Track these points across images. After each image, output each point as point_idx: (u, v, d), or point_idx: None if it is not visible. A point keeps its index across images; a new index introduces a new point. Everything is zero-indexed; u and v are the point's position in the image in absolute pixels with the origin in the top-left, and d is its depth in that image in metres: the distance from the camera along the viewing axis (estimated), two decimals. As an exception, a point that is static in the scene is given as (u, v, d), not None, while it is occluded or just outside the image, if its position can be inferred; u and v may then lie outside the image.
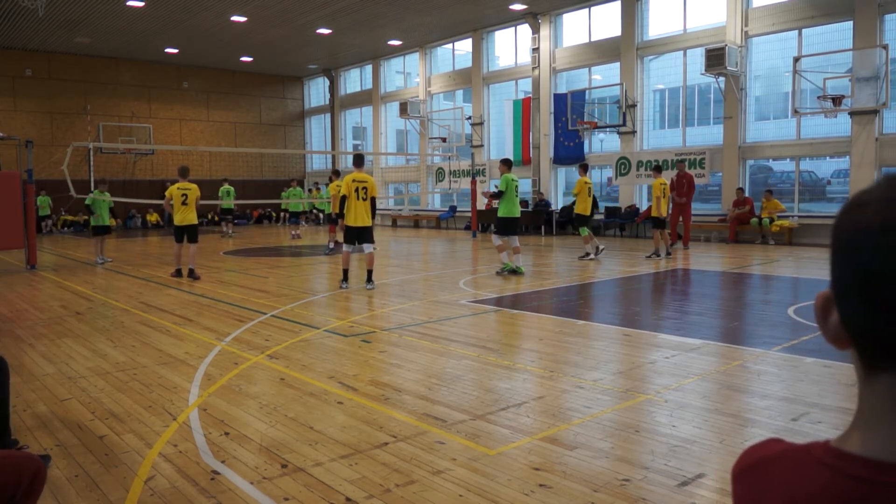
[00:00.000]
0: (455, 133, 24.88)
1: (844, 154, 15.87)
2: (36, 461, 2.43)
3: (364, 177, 10.01)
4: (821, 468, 0.67)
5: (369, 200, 9.92)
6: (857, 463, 0.65)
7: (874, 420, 0.67)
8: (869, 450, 0.66)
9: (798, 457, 0.71)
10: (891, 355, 0.65)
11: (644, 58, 19.52)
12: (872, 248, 0.64)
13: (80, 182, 19.86)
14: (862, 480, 0.64)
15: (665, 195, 13.83)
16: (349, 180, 9.87)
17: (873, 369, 0.67)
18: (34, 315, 8.35)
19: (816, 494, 0.66)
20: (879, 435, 0.66)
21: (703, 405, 4.47)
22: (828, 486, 0.66)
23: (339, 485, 3.33)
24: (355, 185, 9.85)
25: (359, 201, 9.83)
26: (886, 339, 0.65)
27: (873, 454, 0.65)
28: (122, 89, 28.12)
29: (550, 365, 5.60)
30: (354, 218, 9.86)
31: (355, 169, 10.23)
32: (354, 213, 9.85)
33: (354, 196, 9.82)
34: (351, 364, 5.76)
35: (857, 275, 0.66)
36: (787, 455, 0.73)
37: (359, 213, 9.86)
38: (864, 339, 0.67)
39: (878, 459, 0.65)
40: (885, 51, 14.38)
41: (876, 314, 0.64)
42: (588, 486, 3.27)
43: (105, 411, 4.57)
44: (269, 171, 31.39)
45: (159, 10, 20.38)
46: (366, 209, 9.90)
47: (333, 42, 25.20)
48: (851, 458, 0.66)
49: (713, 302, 9.04)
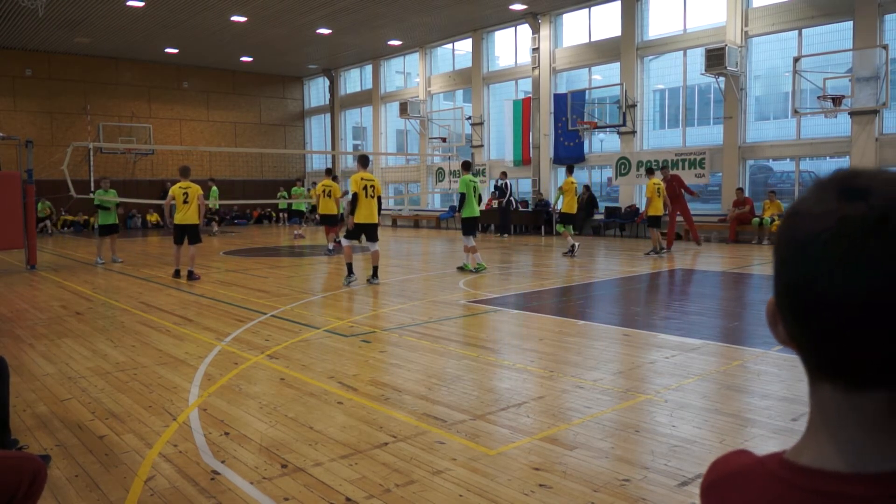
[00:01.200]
0: (455, 133, 24.88)
1: (844, 154, 15.86)
2: (36, 461, 2.43)
3: (371, 176, 10.36)
4: (772, 481, 0.68)
5: (377, 199, 10.26)
6: (802, 474, 0.66)
7: (817, 429, 0.68)
8: (813, 459, 0.67)
9: (754, 470, 0.72)
10: (826, 368, 0.66)
11: (644, 58, 19.51)
12: (797, 261, 0.65)
13: (80, 182, 19.88)
14: (805, 491, 0.65)
15: (660, 194, 14.07)
16: (358, 179, 10.14)
17: (815, 379, 0.68)
18: (34, 315, 8.35)
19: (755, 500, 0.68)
20: (821, 444, 0.67)
21: (703, 405, 4.47)
22: (778, 499, 0.67)
23: (339, 485, 3.33)
24: (364, 182, 10.13)
25: (367, 199, 10.13)
26: (818, 353, 0.66)
27: (816, 464, 0.66)
28: (122, 89, 28.12)
29: (550, 365, 5.60)
30: (363, 215, 10.13)
31: (361, 169, 10.44)
32: (363, 211, 10.12)
33: (363, 194, 10.09)
34: (351, 364, 5.76)
35: (785, 288, 0.66)
36: (744, 470, 0.73)
37: (367, 211, 10.15)
38: (801, 351, 0.68)
39: (819, 469, 0.66)
40: (885, 51, 14.37)
41: (804, 328, 0.65)
42: (588, 486, 3.27)
43: (105, 411, 4.57)
44: (269, 172, 31.38)
45: (159, 10, 20.37)
46: (373, 206, 10.22)
47: (333, 42, 25.20)
48: (797, 468, 0.67)
49: (713, 302, 9.04)
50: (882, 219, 0.61)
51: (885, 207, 0.61)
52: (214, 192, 21.52)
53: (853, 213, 0.62)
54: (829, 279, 0.62)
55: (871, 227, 0.61)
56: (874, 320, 0.60)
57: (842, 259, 0.61)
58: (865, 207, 0.62)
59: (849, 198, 0.63)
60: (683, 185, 15.91)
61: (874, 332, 0.61)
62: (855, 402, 0.65)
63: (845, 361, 0.63)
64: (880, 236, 0.60)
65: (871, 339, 0.61)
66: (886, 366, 0.62)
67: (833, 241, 0.62)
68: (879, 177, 0.64)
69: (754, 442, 3.81)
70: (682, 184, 15.93)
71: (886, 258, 0.60)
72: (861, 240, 0.61)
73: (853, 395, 0.65)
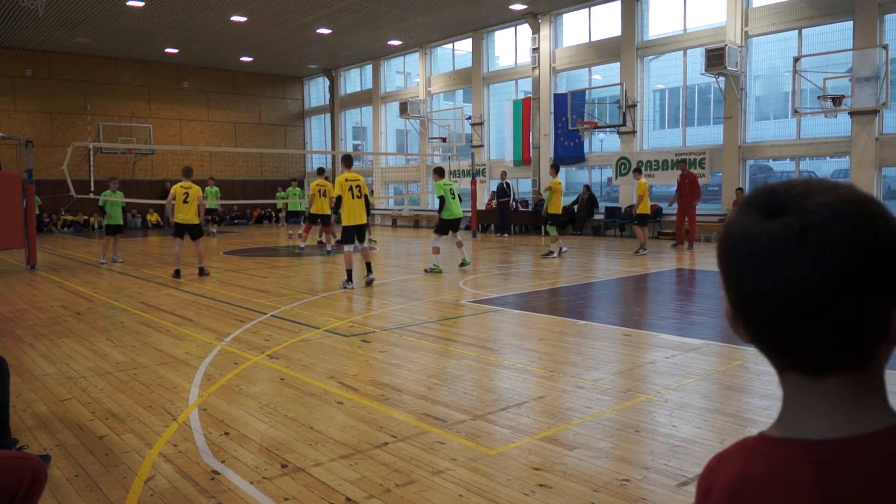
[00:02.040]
0: (455, 133, 24.88)
1: (844, 154, 15.86)
2: (36, 462, 2.43)
3: (356, 176, 10.17)
4: (750, 455, 0.78)
5: (363, 198, 10.06)
6: (777, 444, 0.76)
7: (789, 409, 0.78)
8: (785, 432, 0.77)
9: (734, 451, 0.81)
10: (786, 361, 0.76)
11: (644, 58, 19.51)
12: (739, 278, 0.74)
13: (80, 182, 19.87)
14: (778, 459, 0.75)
15: (647, 194, 14.60)
16: (342, 181, 9.95)
17: (780, 370, 0.78)
18: (34, 315, 8.35)
19: (736, 474, 0.78)
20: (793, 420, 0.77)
21: (703, 405, 4.47)
22: (744, 465, 0.77)
23: (339, 485, 3.33)
24: (349, 184, 9.95)
25: (354, 200, 9.94)
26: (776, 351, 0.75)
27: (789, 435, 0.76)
28: (122, 89, 28.11)
29: (550, 365, 5.60)
30: (351, 217, 9.98)
31: (346, 169, 10.32)
32: (350, 212, 9.96)
33: (349, 195, 9.91)
34: (351, 364, 5.76)
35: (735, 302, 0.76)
36: (726, 453, 0.82)
37: (355, 212, 9.98)
38: (762, 350, 0.77)
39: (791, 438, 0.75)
40: (885, 51, 14.37)
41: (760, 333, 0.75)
42: (588, 486, 3.27)
43: (105, 411, 4.57)
44: (269, 172, 31.38)
45: (159, 10, 20.37)
46: (362, 207, 10.04)
47: (333, 42, 25.19)
48: (772, 441, 0.77)
49: (713, 302, 9.04)
50: (802, 232, 0.69)
51: (802, 221, 0.70)
52: (215, 191, 21.46)
53: (776, 230, 0.71)
54: (769, 292, 0.71)
55: (793, 241, 0.70)
56: (813, 321, 0.70)
57: (775, 273, 0.70)
58: (782, 224, 0.71)
59: (770, 216, 0.72)
60: (695, 185, 16.03)
61: (817, 330, 0.70)
62: (816, 386, 0.75)
63: (799, 354, 0.73)
64: (803, 248, 0.69)
65: (817, 336, 0.71)
66: (834, 355, 0.72)
67: (765, 258, 0.71)
68: (794, 190, 0.73)
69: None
70: (695, 184, 16.08)
71: (812, 266, 0.69)
72: (788, 254, 0.70)
73: (813, 380, 0.75)
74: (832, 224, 0.69)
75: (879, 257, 0.69)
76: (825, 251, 0.69)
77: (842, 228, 0.69)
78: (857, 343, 0.71)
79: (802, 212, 0.70)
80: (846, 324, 0.70)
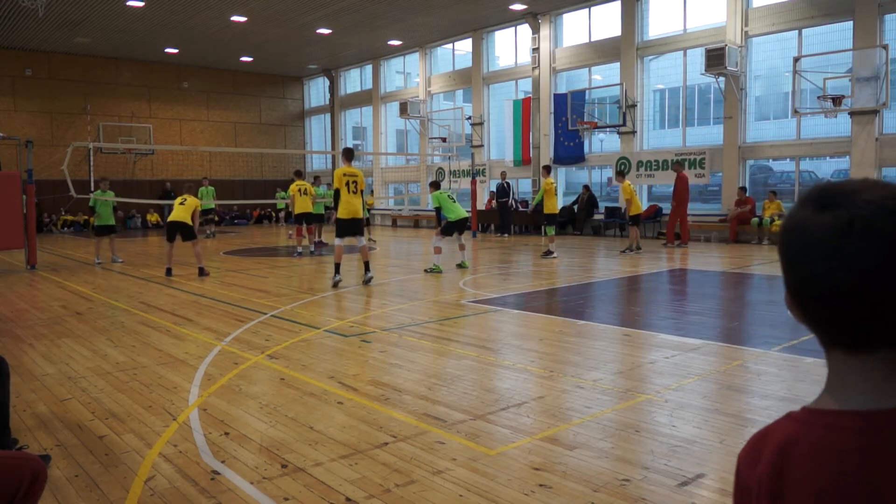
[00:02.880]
0: (455, 133, 24.88)
1: (844, 154, 15.86)
2: (36, 462, 2.43)
3: (354, 171, 10.26)
4: (794, 423, 0.87)
5: (359, 193, 10.16)
6: (819, 414, 0.85)
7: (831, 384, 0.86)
8: (827, 404, 0.85)
9: (780, 422, 0.90)
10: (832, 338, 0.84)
11: (644, 58, 19.51)
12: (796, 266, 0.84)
13: (80, 182, 19.86)
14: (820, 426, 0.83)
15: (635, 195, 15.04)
16: (340, 174, 10.04)
17: (826, 346, 0.86)
18: (34, 315, 8.35)
19: (785, 439, 0.86)
20: (834, 393, 0.85)
21: (703, 405, 4.47)
22: (792, 432, 0.86)
23: (339, 485, 3.33)
24: (346, 178, 10.03)
25: (350, 194, 10.03)
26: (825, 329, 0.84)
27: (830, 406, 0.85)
28: (122, 89, 28.11)
29: (550, 365, 5.60)
30: (345, 210, 10.03)
31: (346, 163, 10.36)
32: (345, 206, 10.02)
33: (345, 189, 9.99)
34: (351, 364, 5.76)
35: (791, 287, 0.86)
36: (772, 425, 0.91)
37: (351, 206, 10.05)
38: (812, 328, 0.86)
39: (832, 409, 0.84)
40: (885, 51, 14.37)
41: (812, 314, 0.84)
42: (588, 486, 3.27)
43: (105, 411, 4.57)
44: (269, 172, 31.39)
45: (159, 10, 20.37)
46: (358, 202, 10.13)
47: (333, 42, 25.19)
48: (816, 412, 0.86)
49: (713, 302, 9.04)
50: (848, 225, 0.78)
51: (849, 215, 0.79)
52: (210, 191, 21.25)
53: (826, 222, 0.80)
54: (818, 278, 0.81)
55: (840, 232, 0.79)
56: (856, 305, 0.79)
57: (823, 261, 0.80)
58: (833, 217, 0.80)
59: (823, 210, 0.81)
60: (685, 187, 16.27)
61: (859, 313, 0.79)
62: (856, 361, 0.83)
63: (844, 333, 0.82)
64: (849, 239, 0.78)
65: (859, 318, 0.79)
66: (875, 333, 0.80)
67: (815, 247, 0.81)
68: (846, 187, 0.82)
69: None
70: (685, 187, 16.31)
71: (855, 255, 0.78)
72: (835, 244, 0.79)
73: (855, 356, 0.83)
74: (876, 218, 0.78)
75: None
76: (868, 242, 0.77)
77: (884, 222, 0.78)
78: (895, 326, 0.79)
79: (851, 206, 0.79)
80: (885, 308, 0.78)
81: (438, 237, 11.95)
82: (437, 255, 11.78)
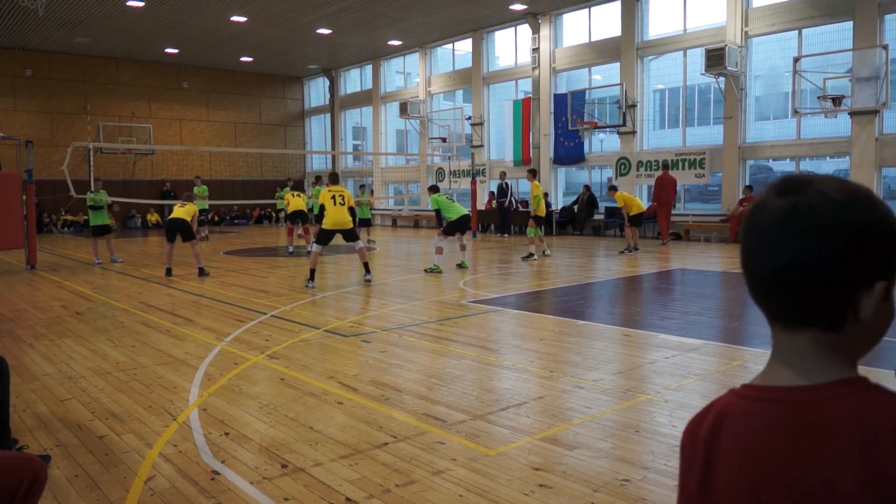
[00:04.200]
0: (455, 133, 24.87)
1: (844, 154, 15.86)
2: (37, 462, 2.43)
3: (341, 189, 10.74)
4: (729, 395, 0.95)
5: (347, 206, 10.55)
6: (757, 389, 0.91)
7: (771, 361, 0.92)
8: (765, 380, 0.91)
9: (722, 397, 0.96)
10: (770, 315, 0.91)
11: (644, 58, 19.51)
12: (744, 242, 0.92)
13: (80, 182, 19.86)
14: (757, 400, 0.90)
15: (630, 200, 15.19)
16: (325, 191, 10.52)
17: (769, 323, 0.92)
18: (34, 315, 8.35)
19: (719, 410, 0.94)
20: (773, 370, 0.91)
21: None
22: (725, 405, 0.94)
23: (339, 485, 3.33)
24: (331, 193, 10.46)
25: (337, 206, 10.39)
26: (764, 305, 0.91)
27: (768, 382, 0.91)
28: (122, 89, 28.11)
29: (550, 365, 5.60)
30: (331, 221, 10.35)
31: (330, 184, 10.85)
32: (331, 217, 10.35)
33: (331, 202, 10.39)
34: (351, 364, 5.76)
35: (740, 261, 0.93)
36: (714, 401, 0.98)
37: (337, 216, 10.36)
38: (757, 304, 0.93)
39: (770, 385, 0.90)
40: (885, 51, 14.37)
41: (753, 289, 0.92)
42: (588, 486, 3.27)
43: (105, 411, 4.57)
44: (269, 172, 31.39)
45: (159, 10, 20.37)
46: (344, 212, 10.46)
47: (333, 42, 25.19)
48: (754, 387, 0.92)
49: (713, 302, 9.04)
50: (794, 207, 0.85)
51: (798, 200, 0.85)
52: (203, 190, 20.82)
53: (778, 205, 0.86)
54: (758, 252, 0.88)
55: (786, 214, 0.85)
56: (786, 281, 0.85)
57: (766, 238, 0.87)
58: (784, 201, 0.86)
59: (780, 195, 0.87)
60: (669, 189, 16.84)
61: (789, 289, 0.85)
62: (791, 338, 0.89)
63: (778, 309, 0.89)
64: (791, 220, 0.85)
65: (788, 294, 0.86)
66: (804, 314, 0.86)
67: (763, 225, 0.88)
68: (806, 178, 0.88)
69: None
70: (672, 186, 16.89)
71: (793, 235, 0.84)
72: (779, 223, 0.86)
73: (788, 333, 0.89)
74: (820, 205, 0.84)
75: (851, 239, 0.82)
76: (806, 224, 0.83)
77: (826, 209, 0.83)
78: (824, 308, 0.85)
79: (802, 193, 0.86)
80: (813, 289, 0.84)
81: (440, 237, 11.99)
82: (438, 255, 11.80)
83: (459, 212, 12.08)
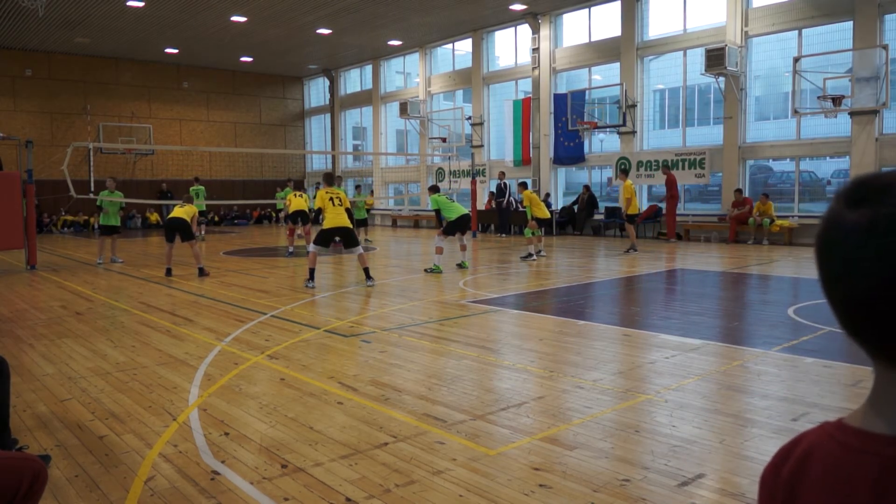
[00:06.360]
0: (455, 133, 24.87)
1: (844, 154, 15.86)
2: (37, 463, 2.43)
3: (337, 191, 10.77)
4: (822, 434, 0.81)
5: (344, 207, 10.61)
6: (842, 428, 0.78)
7: (870, 400, 0.78)
8: (862, 423, 0.77)
9: (811, 432, 0.84)
10: (867, 349, 0.75)
11: (644, 58, 19.51)
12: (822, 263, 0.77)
13: (80, 182, 19.86)
14: (853, 450, 0.76)
15: (634, 195, 15.26)
16: (322, 193, 10.52)
17: (870, 356, 0.77)
18: (34, 315, 8.34)
19: (806, 449, 0.81)
20: (871, 411, 0.77)
21: (703, 405, 4.47)
22: (815, 445, 0.80)
23: (339, 485, 3.33)
24: (329, 195, 10.46)
25: (335, 207, 10.40)
26: (856, 338, 0.75)
27: (865, 427, 0.77)
28: (122, 89, 28.11)
29: (550, 365, 5.60)
30: (331, 221, 10.34)
31: (326, 186, 10.88)
32: (331, 218, 10.34)
33: (329, 204, 10.39)
34: (351, 364, 5.76)
35: (821, 285, 0.78)
36: (802, 435, 0.85)
37: (336, 217, 10.36)
38: (848, 336, 0.77)
39: (867, 431, 0.76)
40: (885, 51, 14.37)
41: (840, 318, 0.76)
42: (588, 486, 3.27)
43: (105, 411, 4.57)
44: (269, 172, 31.39)
45: (159, 10, 20.37)
46: (342, 213, 10.47)
47: (333, 42, 25.19)
48: (850, 430, 0.78)
49: (713, 302, 9.04)
50: (871, 224, 0.71)
51: (874, 213, 0.72)
52: (200, 190, 20.42)
53: (851, 221, 0.73)
54: (841, 278, 0.74)
55: (863, 231, 0.72)
56: (874, 309, 0.70)
57: (844, 260, 0.73)
58: (858, 215, 0.72)
59: (853, 206, 0.74)
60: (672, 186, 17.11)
61: (880, 319, 0.70)
62: (893, 376, 0.74)
63: (868, 343, 0.74)
64: (870, 238, 0.71)
65: (881, 325, 0.71)
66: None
67: (840, 245, 0.74)
68: (878, 183, 0.74)
69: (754, 442, 3.81)
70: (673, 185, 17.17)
71: (874, 256, 0.70)
72: (856, 243, 0.72)
73: (893, 371, 0.74)
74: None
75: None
76: (888, 243, 0.70)
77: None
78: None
79: (878, 204, 0.72)
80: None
81: (440, 237, 12.01)
82: (439, 255, 11.81)
83: (459, 212, 12.11)
